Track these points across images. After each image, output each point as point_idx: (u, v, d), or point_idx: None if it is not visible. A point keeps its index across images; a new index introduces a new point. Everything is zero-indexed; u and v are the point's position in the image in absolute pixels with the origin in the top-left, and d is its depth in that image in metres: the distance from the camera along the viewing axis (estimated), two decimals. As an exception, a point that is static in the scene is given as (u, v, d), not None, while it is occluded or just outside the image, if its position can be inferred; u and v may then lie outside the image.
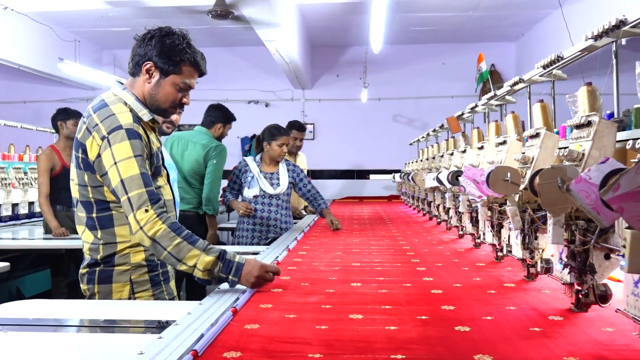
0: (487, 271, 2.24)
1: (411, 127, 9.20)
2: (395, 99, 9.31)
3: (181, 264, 1.79)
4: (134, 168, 1.84)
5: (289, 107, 9.40)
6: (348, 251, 2.84)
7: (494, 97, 3.04)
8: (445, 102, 8.86)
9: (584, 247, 1.56)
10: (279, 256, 2.56)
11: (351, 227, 4.15)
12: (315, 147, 9.32)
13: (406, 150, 8.11)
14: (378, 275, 2.16)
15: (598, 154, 1.60)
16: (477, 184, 2.13)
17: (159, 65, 1.96)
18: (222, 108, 4.36)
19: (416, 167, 5.43)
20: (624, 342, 1.27)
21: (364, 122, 9.34)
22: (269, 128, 4.06)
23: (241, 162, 4.11)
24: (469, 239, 3.12)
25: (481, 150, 2.76)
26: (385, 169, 9.00)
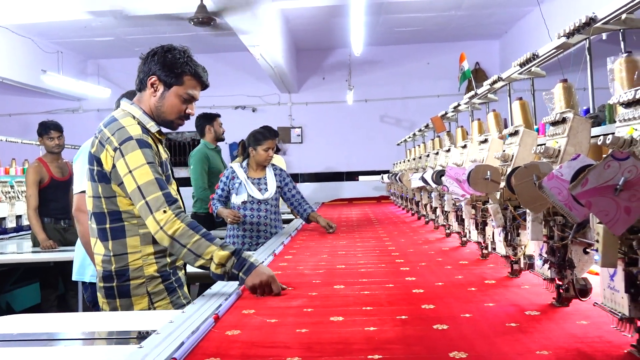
0: (470, 269, 2.26)
1: (399, 128, 9.23)
2: (382, 100, 9.34)
3: (200, 259, 1.88)
4: (148, 174, 1.94)
5: (276, 112, 9.41)
6: (334, 254, 2.85)
7: (475, 95, 3.06)
8: (431, 101, 8.89)
9: (562, 242, 1.58)
10: (264, 261, 2.56)
11: (339, 229, 4.15)
12: (303, 150, 9.34)
13: (394, 151, 8.14)
14: (362, 277, 2.17)
15: (573, 150, 1.62)
16: (459, 183, 2.15)
17: (162, 79, 2.07)
18: (201, 115, 4.99)
19: (404, 168, 5.44)
20: (597, 334, 1.29)
21: (351, 124, 9.36)
22: (253, 133, 4.05)
23: (228, 169, 4.10)
24: (455, 237, 3.14)
25: (464, 149, 2.77)
26: (374, 170, 9.02)
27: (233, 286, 2.00)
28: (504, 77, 2.48)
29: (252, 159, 4.03)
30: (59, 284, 4.88)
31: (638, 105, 1.25)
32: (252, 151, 3.99)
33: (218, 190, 4.06)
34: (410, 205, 5.02)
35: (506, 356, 1.16)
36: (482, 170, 1.95)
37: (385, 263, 2.49)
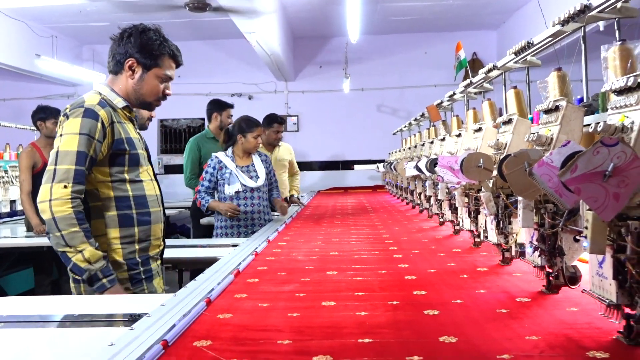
0: (463, 257, 2.27)
1: (395, 117, 9.22)
2: (379, 89, 9.33)
3: (66, 247, 1.84)
4: (73, 143, 1.90)
5: (272, 100, 9.38)
6: (328, 241, 2.87)
7: (470, 85, 3.06)
8: (428, 91, 8.89)
9: (552, 230, 1.59)
10: (258, 247, 2.57)
11: (333, 217, 4.17)
12: (299, 138, 9.33)
13: (390, 140, 8.14)
14: (355, 263, 2.19)
15: (566, 138, 1.62)
16: (453, 171, 2.15)
17: (141, 61, 2.06)
18: (214, 100, 5.01)
19: (399, 157, 5.45)
20: (586, 320, 1.30)
21: (348, 113, 9.35)
22: (242, 120, 4.01)
23: (213, 158, 3.91)
24: (449, 226, 3.16)
25: (459, 138, 2.78)
26: (369, 159, 9.03)
27: (226, 271, 2.01)
28: (499, 66, 2.48)
29: (238, 147, 3.94)
30: (52, 269, 4.88)
31: (630, 93, 1.25)
32: (241, 138, 3.91)
33: (204, 182, 3.86)
34: (404, 194, 5.04)
35: (496, 341, 1.17)
36: (474, 158, 1.96)
37: (378, 250, 2.51)
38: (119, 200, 2.01)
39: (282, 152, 5.66)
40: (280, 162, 5.61)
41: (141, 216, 2.06)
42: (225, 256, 2.38)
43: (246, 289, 1.77)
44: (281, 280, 1.91)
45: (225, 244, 3.12)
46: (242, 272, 2.05)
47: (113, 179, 2.00)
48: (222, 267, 2.12)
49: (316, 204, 5.66)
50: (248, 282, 1.88)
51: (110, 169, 2.00)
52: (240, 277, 1.97)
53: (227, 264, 2.17)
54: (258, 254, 2.44)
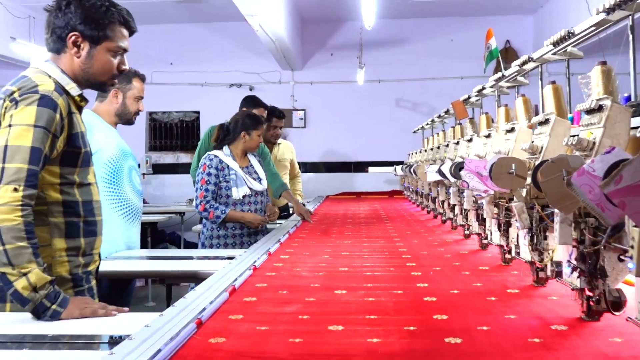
0: (491, 276, 2.27)
1: (416, 113, 9.21)
2: (398, 81, 9.32)
3: (8, 267, 1.69)
4: (27, 137, 1.77)
5: (276, 91, 9.40)
6: (336, 254, 2.87)
7: (502, 78, 3.05)
8: (454, 84, 8.86)
9: (594, 247, 1.58)
10: (256, 261, 2.57)
11: (343, 227, 4.17)
12: (306, 135, 9.34)
13: (410, 139, 8.13)
14: (366, 281, 2.19)
15: (610, 142, 1.62)
16: (480, 177, 2.15)
17: (87, 34, 1.95)
18: (250, 97, 5.11)
19: (420, 159, 5.44)
20: (631, 353, 1.29)
21: (362, 108, 9.35)
22: (247, 115, 4.01)
23: (211, 158, 3.85)
24: (475, 239, 3.15)
25: (488, 139, 2.77)
26: (386, 160, 9.01)
27: (219, 288, 2.01)
28: (535, 58, 2.48)
29: (238, 145, 3.92)
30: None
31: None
32: (245, 136, 3.91)
33: (208, 186, 3.78)
34: (425, 202, 5.03)
35: (525, 375, 1.17)
36: (505, 163, 1.95)
37: (394, 266, 2.51)
38: (67, 205, 1.91)
39: (283, 151, 5.65)
40: (281, 162, 5.59)
41: (88, 226, 1.98)
42: (220, 270, 2.38)
43: (242, 309, 1.77)
44: (282, 299, 1.91)
45: (220, 255, 3.12)
46: (238, 290, 2.05)
47: (62, 181, 1.90)
48: (216, 283, 2.12)
49: (324, 211, 5.66)
50: (245, 301, 1.88)
51: (61, 169, 1.89)
52: (236, 295, 1.97)
53: (221, 280, 2.17)
54: (257, 269, 2.44)
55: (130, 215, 3.27)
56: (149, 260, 3.33)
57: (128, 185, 3.27)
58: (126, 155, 3.31)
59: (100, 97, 3.30)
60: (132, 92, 3.29)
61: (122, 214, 3.23)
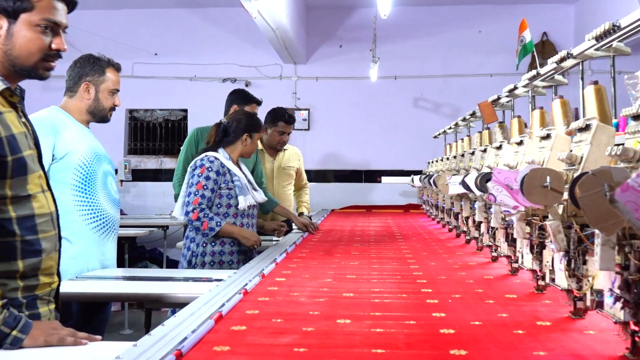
0: (519, 305, 2.26)
1: (437, 115, 9.22)
2: (417, 78, 9.34)
3: None
4: None
5: (276, 87, 9.42)
6: (341, 277, 2.87)
7: (537, 76, 3.04)
8: (481, 82, 8.87)
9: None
10: (248, 284, 2.57)
11: (350, 245, 4.17)
12: (310, 139, 9.34)
13: (430, 146, 8.13)
14: (374, 309, 2.18)
15: (660, 153, 1.61)
16: (510, 191, 2.14)
17: (1, 6, 1.89)
18: (239, 90, 5.17)
19: (441, 168, 5.45)
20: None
21: (375, 108, 9.35)
22: (249, 116, 4.05)
23: (212, 160, 3.84)
24: (504, 262, 3.15)
25: (520, 147, 2.78)
26: (402, 169, 9.01)
27: (204, 314, 2.00)
28: (576, 54, 2.47)
29: (235, 149, 3.97)
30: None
31: None
32: (247, 139, 3.96)
33: (204, 192, 3.78)
34: (446, 218, 5.02)
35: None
36: (539, 175, 1.94)
37: (407, 293, 2.50)
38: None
39: (288, 158, 5.66)
40: (286, 170, 5.61)
41: (28, 245, 1.93)
42: (205, 294, 2.38)
43: (229, 339, 1.77)
44: (276, 329, 1.90)
45: (206, 277, 3.12)
46: (226, 317, 2.05)
47: None
48: (200, 308, 2.12)
49: (329, 227, 5.67)
50: (232, 330, 1.88)
51: None
52: (223, 323, 1.96)
53: (206, 305, 2.17)
54: (248, 293, 2.44)
55: (104, 228, 3.27)
56: (125, 281, 3.33)
57: (102, 194, 3.27)
58: (100, 159, 3.31)
59: (70, 92, 3.30)
60: (106, 85, 3.29)
61: (95, 226, 3.23)
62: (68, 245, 3.05)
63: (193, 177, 3.82)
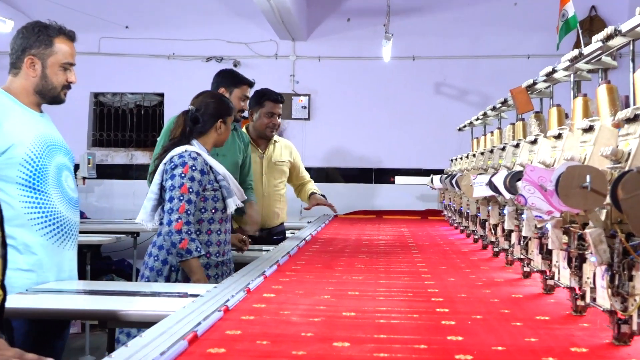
0: (552, 329, 2.26)
1: (463, 103, 9.23)
2: (438, 59, 9.35)
3: None
4: None
5: (270, 69, 9.43)
6: (341, 294, 2.88)
7: (579, 57, 3.05)
8: (516, 64, 8.88)
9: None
10: (229, 300, 2.58)
11: (354, 257, 4.19)
12: (310, 132, 9.35)
13: (453, 140, 8.13)
14: (379, 331, 2.18)
15: None
16: (544, 193, 2.15)
17: None
18: (227, 71, 5.29)
19: (466, 166, 5.44)
20: None
21: (388, 95, 9.36)
22: (221, 98, 4.09)
23: (194, 156, 3.85)
24: (537, 279, 3.15)
25: (559, 141, 2.78)
26: (419, 168, 9.03)
27: (176, 335, 2.01)
28: (624, 31, 2.47)
29: (209, 138, 4.03)
30: None
31: None
32: (221, 125, 4.02)
33: (191, 197, 3.75)
34: (471, 226, 5.01)
35: None
36: (578, 173, 1.94)
37: (419, 312, 2.51)
38: None
39: (279, 152, 5.69)
40: (278, 166, 5.64)
41: None
42: (178, 311, 2.39)
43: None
44: (261, 352, 1.90)
45: (180, 292, 3.13)
46: (202, 338, 2.05)
47: None
48: (171, 327, 2.12)
49: (330, 235, 5.67)
50: (209, 352, 1.88)
51: None
52: (198, 344, 1.97)
53: (178, 324, 2.17)
54: (229, 311, 2.45)
55: (60, 235, 3.27)
56: (86, 295, 3.34)
57: (56, 193, 3.26)
58: (54, 150, 3.29)
59: (14, 69, 3.26)
60: (56, 58, 3.25)
61: (48, 231, 3.23)
62: (16, 255, 3.04)
63: (174, 179, 3.79)
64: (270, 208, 5.63)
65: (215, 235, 3.93)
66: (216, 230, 3.91)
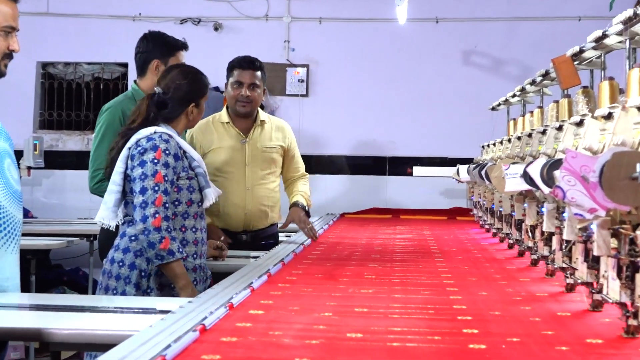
0: (606, 354, 2.26)
1: (497, 76, 9.21)
2: (468, 21, 9.35)
3: None
4: None
5: (259, 33, 9.41)
6: (346, 311, 2.88)
7: (635, 20, 3.07)
8: (564, 28, 8.87)
9: None
10: (207, 317, 2.57)
11: (363, 266, 4.20)
12: (309, 111, 9.33)
13: (485, 121, 8.12)
14: (391, 356, 2.19)
15: None
16: (586, 186, 2.15)
17: None
18: (154, 35, 5.15)
19: (499, 154, 5.45)
20: None
21: (405, 65, 9.35)
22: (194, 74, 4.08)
23: (166, 139, 3.88)
24: (584, 292, 3.15)
25: (609, 122, 2.79)
26: (443, 156, 9.03)
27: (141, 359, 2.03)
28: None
29: (179, 124, 4.07)
30: None
31: None
32: (193, 109, 4.05)
33: (167, 186, 3.80)
34: (505, 228, 5.02)
35: None
36: (626, 161, 1.96)
37: (441, 334, 2.50)
38: None
39: (268, 134, 5.54)
40: (265, 153, 5.48)
41: None
42: (144, 331, 2.40)
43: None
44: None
45: (149, 307, 3.14)
46: (173, 363, 2.06)
47: None
48: (134, 351, 2.13)
49: (334, 239, 5.71)
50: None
51: None
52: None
53: (142, 347, 2.18)
54: (206, 330, 2.45)
55: (1, 233, 3.28)
56: (29, 311, 3.34)
57: None
58: None
59: None
60: None
61: None
62: None
63: (144, 165, 3.80)
64: (255, 206, 5.41)
65: (190, 233, 3.95)
66: (191, 227, 3.93)
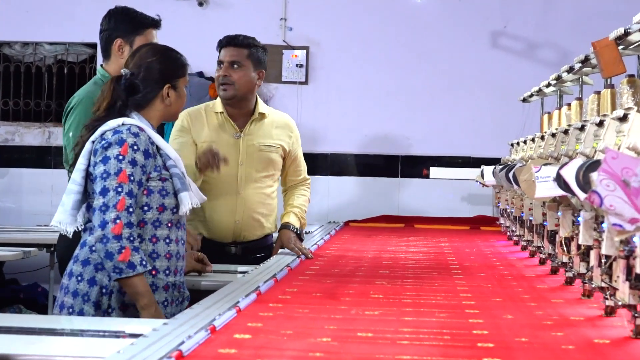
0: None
1: (530, 62, 9.22)
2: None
3: None
4: None
5: (251, 9, 9.43)
6: (347, 335, 2.89)
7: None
8: (611, 7, 8.88)
9: None
10: (185, 342, 2.58)
11: (370, 283, 4.22)
12: (308, 101, 9.35)
13: (515, 115, 8.14)
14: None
15: None
16: (627, 191, 2.17)
17: None
18: (119, 10, 5.22)
19: (531, 153, 5.45)
20: None
21: (421, 49, 9.36)
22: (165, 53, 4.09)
23: (135, 132, 3.84)
24: (626, 316, 3.16)
25: (658, 118, 2.81)
26: (465, 156, 9.04)
27: None
28: None
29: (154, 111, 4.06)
30: None
31: None
32: (170, 93, 4.02)
33: (133, 187, 3.76)
34: (536, 241, 5.01)
35: None
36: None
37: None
38: None
39: (267, 130, 5.51)
40: (262, 151, 5.45)
41: None
42: (111, 357, 2.41)
43: None
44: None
45: (117, 330, 3.16)
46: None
47: None
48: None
49: (336, 252, 5.73)
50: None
51: None
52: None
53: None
54: (184, 357, 2.46)
55: None
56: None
57: None
58: None
59: None
60: None
61: None
62: None
63: (107, 162, 3.76)
64: (247, 213, 5.39)
65: (162, 245, 3.91)
66: (164, 237, 3.90)
